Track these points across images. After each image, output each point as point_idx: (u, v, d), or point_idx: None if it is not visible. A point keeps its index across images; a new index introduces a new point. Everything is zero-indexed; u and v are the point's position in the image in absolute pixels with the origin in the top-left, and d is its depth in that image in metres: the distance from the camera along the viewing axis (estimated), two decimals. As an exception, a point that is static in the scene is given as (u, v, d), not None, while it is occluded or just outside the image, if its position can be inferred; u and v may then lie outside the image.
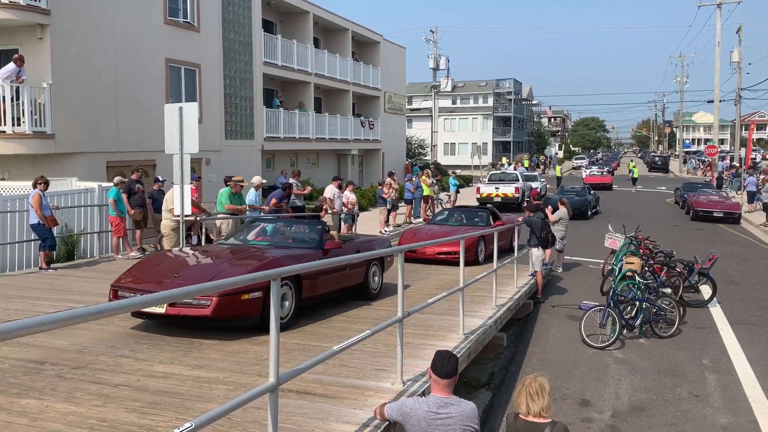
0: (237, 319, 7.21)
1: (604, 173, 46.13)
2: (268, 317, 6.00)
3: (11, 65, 13.96)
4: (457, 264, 12.14)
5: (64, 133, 15.33)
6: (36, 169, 14.64)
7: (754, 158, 49.00)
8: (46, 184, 11.65)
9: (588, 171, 49.48)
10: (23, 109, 14.30)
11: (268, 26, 26.00)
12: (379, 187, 20.85)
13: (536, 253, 12.27)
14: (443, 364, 4.32)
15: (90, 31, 16.21)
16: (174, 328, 7.56)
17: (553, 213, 14.36)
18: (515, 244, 12.32)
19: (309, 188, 18.90)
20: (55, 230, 11.93)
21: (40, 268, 11.63)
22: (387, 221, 20.83)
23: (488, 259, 13.39)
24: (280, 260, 7.75)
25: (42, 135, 14.81)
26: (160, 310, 6.94)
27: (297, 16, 28.13)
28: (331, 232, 9.60)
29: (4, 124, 14.17)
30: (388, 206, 20.71)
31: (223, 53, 21.87)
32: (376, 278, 9.83)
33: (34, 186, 11.40)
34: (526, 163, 56.54)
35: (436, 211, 26.91)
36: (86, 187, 14.19)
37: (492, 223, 15.26)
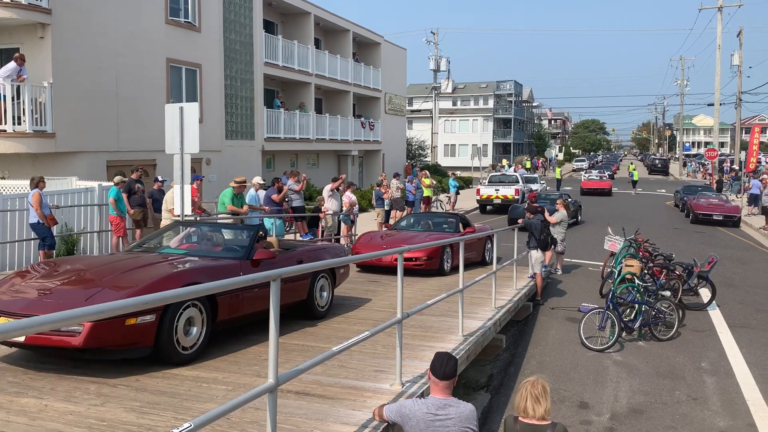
0: (120, 349, 5.80)
1: (604, 178, 43.80)
2: (166, 345, 5.88)
3: (12, 64, 13.96)
4: (419, 273, 12.00)
5: (65, 133, 15.33)
6: (36, 169, 14.65)
7: (760, 161, 48.63)
8: (44, 183, 11.65)
9: (587, 175, 46.93)
10: (24, 108, 14.31)
11: (269, 27, 26.02)
12: (377, 188, 20.84)
13: (535, 255, 12.27)
14: (442, 365, 4.33)
15: (91, 31, 16.22)
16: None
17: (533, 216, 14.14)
18: (491, 255, 11.84)
19: (304, 177, 18.20)
20: (54, 229, 11.93)
21: (40, 267, 11.61)
22: (387, 221, 20.83)
23: (457, 269, 12.63)
24: (186, 274, 6.37)
25: (42, 134, 14.82)
26: (19, 339, 5.47)
27: (298, 17, 28.15)
28: (270, 239, 8.39)
29: (5, 123, 14.17)
30: (386, 207, 20.71)
31: (224, 53, 21.88)
32: (325, 293, 8.52)
33: (35, 185, 11.40)
34: (528, 164, 56.52)
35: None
36: (86, 187, 14.19)
37: (461, 230, 13.85)
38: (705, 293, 12.72)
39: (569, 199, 22.74)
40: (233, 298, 6.73)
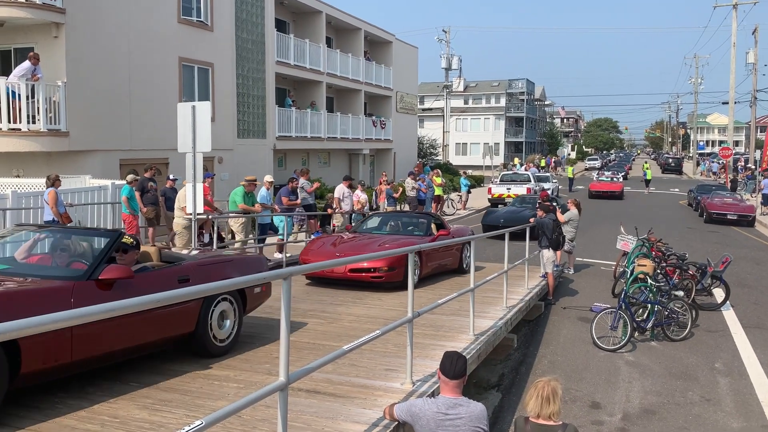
0: None
1: (615, 179, 40.27)
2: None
3: (27, 63, 14.09)
4: (378, 286, 10.30)
5: (78, 131, 15.45)
6: (50, 167, 14.77)
7: None
8: (59, 181, 11.77)
9: (597, 176, 44.02)
10: (38, 107, 14.43)
11: (280, 26, 26.08)
12: (388, 186, 20.83)
13: (547, 254, 12.22)
14: (452, 364, 4.32)
15: (104, 30, 16.33)
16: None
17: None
18: (468, 263, 10.24)
19: (317, 183, 18.57)
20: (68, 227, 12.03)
21: (54, 265, 11.72)
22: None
23: (427, 281, 11.22)
24: None
25: (56, 133, 14.94)
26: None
27: (310, 16, 28.19)
28: (148, 248, 6.64)
29: (20, 122, 14.30)
30: (397, 207, 20.71)
31: (236, 52, 21.96)
32: (227, 322, 6.54)
33: (51, 184, 11.50)
34: (543, 162, 56.29)
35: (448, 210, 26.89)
36: (99, 185, 14.31)
37: (434, 233, 12.01)
38: (719, 293, 12.61)
39: (554, 204, 20.70)
40: (57, 339, 4.80)
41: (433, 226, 12.34)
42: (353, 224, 15.95)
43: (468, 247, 12.35)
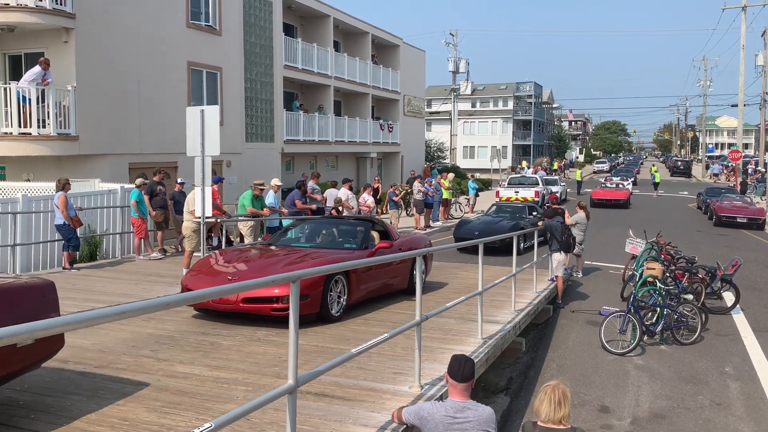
0: None
1: (621, 186, 36.19)
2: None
3: (37, 68, 14.20)
4: (279, 320, 7.63)
5: (88, 135, 15.55)
6: (60, 171, 14.87)
7: None
8: (69, 185, 11.85)
9: (605, 182, 40.32)
10: (48, 112, 14.54)
11: (288, 30, 26.17)
12: (391, 189, 20.81)
13: (558, 257, 12.17)
14: (460, 367, 4.32)
15: (114, 35, 16.43)
16: (194, 330, 7.64)
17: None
18: (420, 280, 8.49)
19: (324, 198, 17.58)
20: (78, 231, 12.11)
21: (64, 268, 11.80)
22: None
23: (355, 309, 8.81)
24: None
25: (66, 137, 15.04)
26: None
27: (317, 20, 28.28)
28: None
29: (30, 126, 14.41)
30: (402, 211, 20.70)
31: (244, 56, 22.05)
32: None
33: (62, 188, 11.58)
34: (556, 165, 56.14)
35: (455, 214, 26.85)
36: (109, 189, 14.39)
37: (374, 244, 9.62)
38: (729, 297, 12.53)
39: (534, 212, 19.39)
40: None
41: (375, 235, 10.08)
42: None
43: (424, 262, 9.94)
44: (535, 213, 19.56)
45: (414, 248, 9.43)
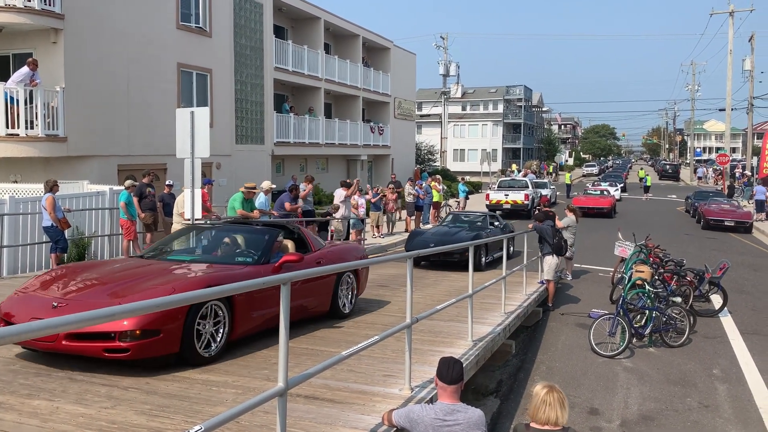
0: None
1: (605, 193, 33.10)
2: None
3: (25, 69, 14.10)
4: (132, 365, 5.97)
5: (77, 137, 15.45)
6: (48, 172, 14.77)
7: None
8: (57, 186, 11.77)
9: (592, 187, 37.25)
10: (36, 113, 14.44)
11: (279, 32, 26.14)
12: (373, 191, 20.81)
13: (550, 260, 12.21)
14: (449, 369, 4.33)
15: (103, 36, 16.35)
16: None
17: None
18: (350, 299, 8.46)
19: (307, 190, 16.99)
20: (66, 233, 12.03)
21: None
22: (380, 227, 20.72)
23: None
24: None
25: (54, 138, 14.94)
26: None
27: (308, 22, 28.26)
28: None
29: (18, 127, 14.31)
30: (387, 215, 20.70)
31: (235, 58, 22.00)
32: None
33: (50, 189, 11.50)
34: (551, 168, 56.38)
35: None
36: (97, 191, 14.30)
37: (277, 257, 7.48)
38: (716, 299, 12.62)
39: (497, 222, 17.45)
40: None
41: (289, 245, 8.07)
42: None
43: (349, 279, 8.68)
44: (497, 223, 17.37)
45: (342, 261, 8.27)
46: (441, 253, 12.03)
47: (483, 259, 14.80)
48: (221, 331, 6.49)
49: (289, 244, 8.10)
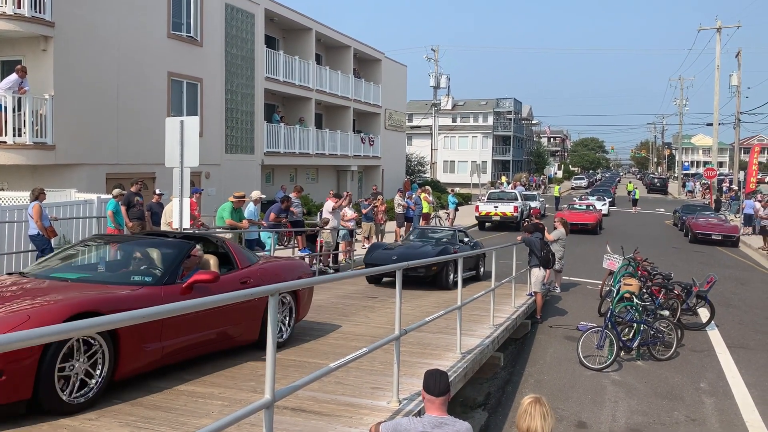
0: None
1: (591, 208, 31.75)
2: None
3: (14, 76, 14.02)
4: None
5: (65, 145, 15.36)
6: (35, 180, 14.66)
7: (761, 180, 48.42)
8: (44, 195, 11.67)
9: (579, 201, 36.30)
10: (24, 120, 14.35)
11: (270, 42, 26.18)
12: (365, 201, 20.80)
13: (537, 273, 12.24)
14: (435, 382, 4.31)
15: (93, 44, 16.30)
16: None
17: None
18: (282, 323, 7.44)
19: (297, 211, 17.02)
20: (53, 241, 11.92)
21: (37, 279, 11.57)
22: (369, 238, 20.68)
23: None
24: None
25: (42, 146, 14.84)
26: None
27: (299, 33, 28.33)
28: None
29: (5, 135, 14.20)
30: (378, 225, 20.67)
31: (226, 68, 21.99)
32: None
33: (35, 198, 11.40)
34: (546, 180, 56.59)
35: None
36: (85, 199, 14.19)
37: (181, 274, 6.37)
38: (704, 313, 12.69)
39: (466, 239, 16.01)
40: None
41: (211, 261, 6.97)
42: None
43: (285, 301, 7.61)
44: (466, 240, 15.85)
45: (276, 280, 7.06)
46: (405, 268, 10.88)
47: (452, 277, 13.52)
48: (100, 370, 5.22)
49: (212, 260, 6.99)
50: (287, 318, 7.69)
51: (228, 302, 3.87)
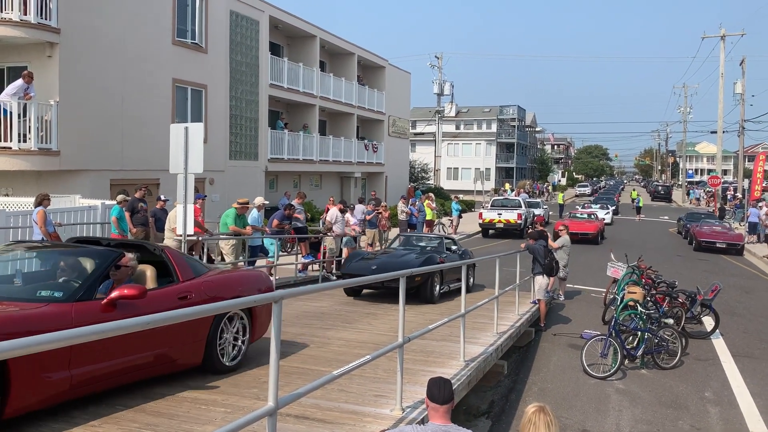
0: None
1: (593, 217, 30.54)
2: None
3: (20, 81, 14.09)
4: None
5: (70, 151, 15.41)
6: (40, 186, 14.70)
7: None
8: (49, 200, 11.70)
9: (582, 209, 35.54)
10: (30, 126, 14.40)
11: (275, 49, 26.27)
12: (368, 208, 20.79)
13: (540, 281, 12.20)
14: (440, 390, 4.29)
15: (99, 50, 16.37)
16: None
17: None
18: (231, 345, 6.52)
19: (301, 217, 16.68)
20: (57, 247, 11.93)
21: (41, 285, 11.58)
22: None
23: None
24: None
25: (47, 152, 14.89)
26: None
27: (304, 40, 28.43)
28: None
29: (11, 140, 14.25)
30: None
31: (230, 75, 22.06)
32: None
33: (39, 203, 11.43)
34: (551, 188, 56.62)
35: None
36: (89, 205, 14.23)
37: (111, 287, 5.56)
38: (708, 321, 12.62)
39: (454, 247, 14.73)
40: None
41: (148, 273, 6.18)
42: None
43: (251, 319, 6.83)
44: (454, 248, 14.60)
45: (225, 295, 6.38)
46: (385, 280, 9.47)
47: (438, 289, 12.47)
48: None
49: (148, 271, 6.17)
50: (240, 339, 6.73)
51: (139, 328, 2.99)
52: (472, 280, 14.24)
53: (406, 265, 11.44)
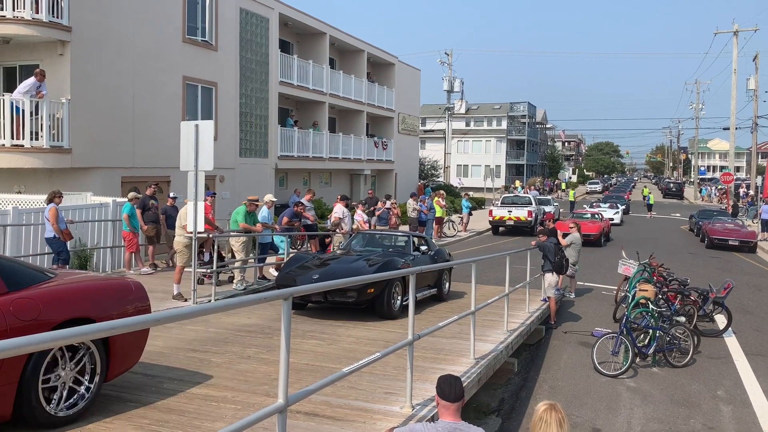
0: None
1: (597, 217, 28.13)
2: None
3: (32, 79, 14.17)
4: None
5: (81, 148, 15.49)
6: (52, 183, 14.80)
7: None
8: (61, 197, 11.78)
9: (590, 208, 34.13)
10: (42, 124, 14.48)
11: (284, 46, 26.29)
12: (381, 206, 20.77)
13: (550, 278, 12.16)
14: (450, 387, 4.28)
15: (110, 48, 16.44)
16: (184, 347, 7.55)
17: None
18: (64, 387, 4.86)
19: (312, 217, 16.36)
20: (69, 244, 12.02)
21: (53, 282, 11.66)
22: None
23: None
24: None
25: (59, 149, 14.98)
26: None
27: (314, 37, 28.43)
28: None
29: (23, 138, 14.35)
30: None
31: (240, 72, 22.09)
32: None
33: (50, 200, 11.51)
34: (564, 186, 56.31)
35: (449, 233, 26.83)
36: (101, 202, 14.31)
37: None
38: (720, 319, 12.53)
39: (424, 247, 12.46)
40: None
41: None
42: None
43: (106, 349, 5.21)
44: (424, 248, 12.37)
45: (71, 311, 4.96)
46: (328, 292, 8.81)
47: (399, 300, 10.18)
48: None
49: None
50: (90, 374, 5.06)
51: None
52: (447, 284, 12.42)
53: (356, 273, 9.70)
